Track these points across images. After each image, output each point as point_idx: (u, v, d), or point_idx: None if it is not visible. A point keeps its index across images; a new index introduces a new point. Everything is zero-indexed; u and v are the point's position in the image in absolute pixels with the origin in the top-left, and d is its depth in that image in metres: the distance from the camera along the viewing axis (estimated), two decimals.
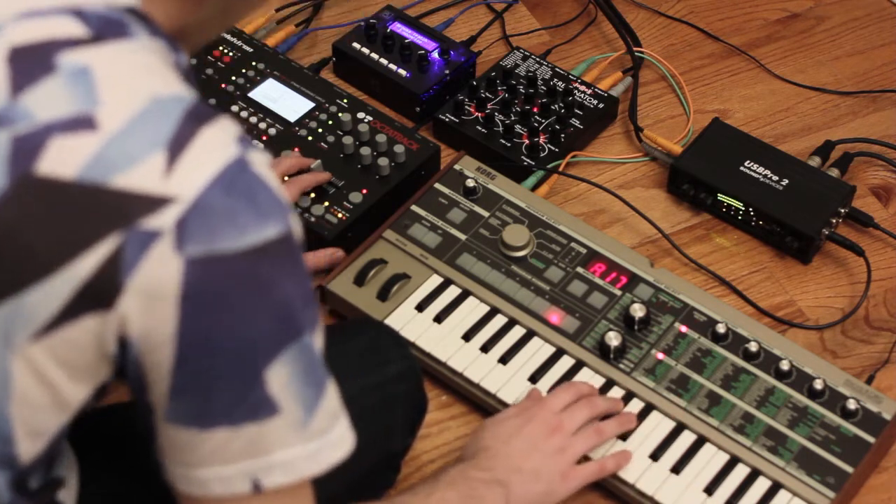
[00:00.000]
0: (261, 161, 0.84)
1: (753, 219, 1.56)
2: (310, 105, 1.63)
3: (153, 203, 0.80)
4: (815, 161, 1.63)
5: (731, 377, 1.36)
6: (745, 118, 1.73)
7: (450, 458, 1.35)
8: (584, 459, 1.27)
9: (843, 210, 1.56)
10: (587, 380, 1.36)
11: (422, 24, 1.76)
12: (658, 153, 1.66)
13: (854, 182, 1.62)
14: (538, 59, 1.72)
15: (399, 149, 1.56)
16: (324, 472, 0.91)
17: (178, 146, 0.81)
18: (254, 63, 1.68)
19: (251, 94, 1.65)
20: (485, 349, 1.39)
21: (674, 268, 1.54)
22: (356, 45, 1.72)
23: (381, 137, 1.57)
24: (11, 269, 0.81)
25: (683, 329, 1.40)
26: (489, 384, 1.36)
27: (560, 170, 1.61)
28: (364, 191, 1.54)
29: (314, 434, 0.89)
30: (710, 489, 1.28)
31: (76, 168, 0.80)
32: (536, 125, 1.63)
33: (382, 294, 1.43)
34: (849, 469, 1.29)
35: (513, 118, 1.64)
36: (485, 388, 1.36)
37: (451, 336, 1.40)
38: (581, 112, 1.66)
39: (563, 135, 1.63)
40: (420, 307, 1.42)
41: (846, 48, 1.84)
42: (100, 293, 0.80)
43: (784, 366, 1.36)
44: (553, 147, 1.62)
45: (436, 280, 1.45)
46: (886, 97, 1.76)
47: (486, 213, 1.51)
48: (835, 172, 1.60)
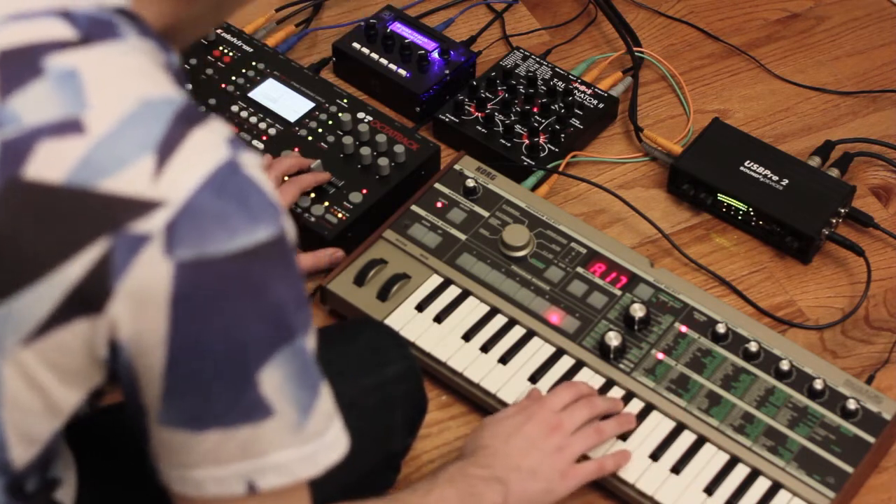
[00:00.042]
0: (253, 163, 0.84)
1: (753, 219, 1.56)
2: (310, 105, 1.63)
3: (142, 207, 0.79)
4: (815, 161, 1.63)
5: (731, 377, 1.36)
6: (745, 118, 1.73)
7: (450, 459, 1.35)
8: (584, 459, 1.27)
9: (843, 210, 1.56)
10: (587, 380, 1.36)
11: (422, 24, 1.76)
12: (658, 153, 1.66)
13: (854, 182, 1.62)
14: (538, 59, 1.72)
15: (399, 149, 1.56)
16: (319, 475, 0.91)
17: (168, 149, 0.80)
18: (254, 63, 1.68)
19: (251, 94, 1.65)
20: (485, 349, 1.39)
21: (674, 268, 1.54)
22: (356, 45, 1.72)
23: (381, 137, 1.57)
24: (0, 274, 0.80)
25: (683, 329, 1.40)
26: (489, 384, 1.36)
27: (560, 170, 1.61)
28: (364, 191, 1.54)
29: (309, 436, 0.88)
30: (710, 489, 1.28)
31: (64, 172, 0.79)
32: (536, 125, 1.63)
33: (382, 294, 1.43)
34: (849, 469, 1.29)
35: (513, 118, 1.64)
36: (485, 388, 1.36)
37: (451, 336, 1.40)
38: (581, 112, 1.66)
39: (563, 135, 1.63)
40: (420, 307, 1.42)
41: (846, 48, 1.84)
42: (89, 297, 0.80)
43: (784, 366, 1.36)
44: (553, 147, 1.62)
45: (436, 280, 1.45)
46: (886, 97, 1.76)
47: (486, 213, 1.51)
48: (835, 172, 1.60)
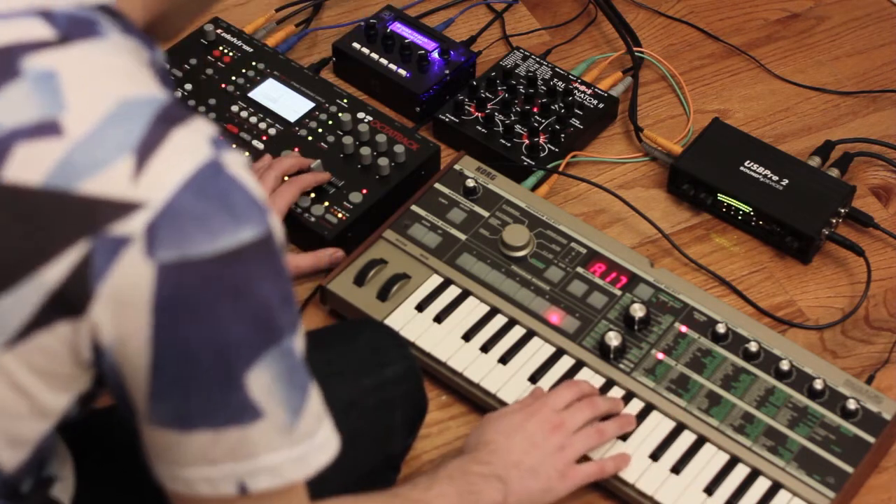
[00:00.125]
0: (236, 162, 0.83)
1: (753, 219, 1.56)
2: (310, 105, 1.63)
3: (121, 209, 0.79)
4: (815, 161, 1.63)
5: (731, 377, 1.36)
6: (745, 118, 1.73)
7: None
8: (583, 460, 1.27)
9: (843, 210, 1.56)
10: (587, 380, 1.36)
11: (422, 24, 1.76)
12: (658, 153, 1.66)
13: (854, 182, 1.62)
14: (538, 59, 1.72)
15: (399, 149, 1.56)
16: (310, 476, 0.91)
17: (147, 149, 0.80)
18: (254, 63, 1.68)
19: (251, 94, 1.65)
20: (485, 349, 1.39)
21: (674, 268, 1.54)
22: (356, 45, 1.72)
23: (381, 137, 1.57)
24: None
25: (683, 329, 1.40)
26: (489, 384, 1.36)
27: (560, 170, 1.61)
28: (364, 191, 1.53)
29: (300, 437, 0.88)
30: (710, 489, 1.28)
31: (42, 174, 0.79)
32: (536, 125, 1.63)
33: (382, 294, 1.43)
34: (849, 469, 1.29)
35: (513, 118, 1.64)
36: (485, 388, 1.36)
37: (451, 336, 1.40)
38: (581, 112, 1.66)
39: (563, 135, 1.63)
40: (420, 307, 1.42)
41: (846, 48, 1.84)
42: (70, 301, 0.80)
43: (784, 366, 1.36)
44: (553, 147, 1.62)
45: (436, 280, 1.45)
46: (886, 97, 1.76)
47: (486, 213, 1.51)
48: (835, 172, 1.60)
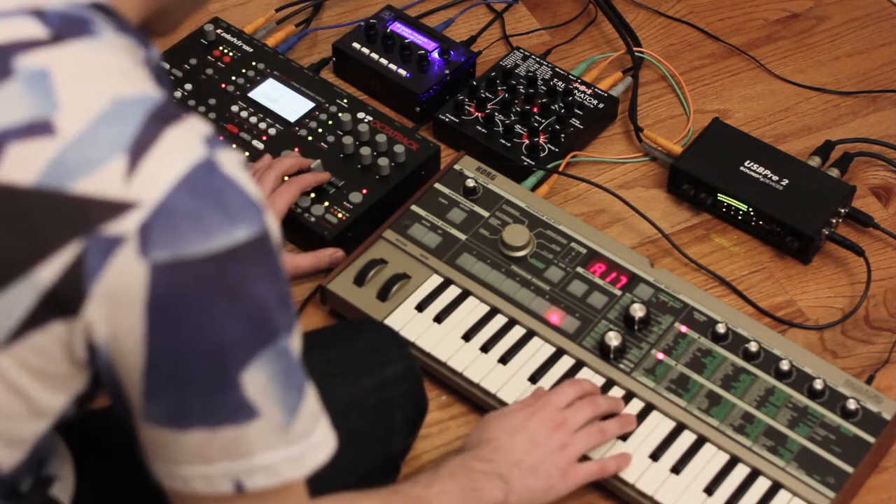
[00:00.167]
0: (231, 161, 0.83)
1: (753, 219, 1.56)
2: (310, 105, 1.63)
3: (115, 208, 0.79)
4: (815, 161, 1.63)
5: (731, 377, 1.36)
6: (745, 118, 1.73)
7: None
8: (583, 459, 1.27)
9: (843, 210, 1.56)
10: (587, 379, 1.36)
11: (422, 24, 1.76)
12: (658, 153, 1.66)
13: (854, 182, 1.62)
14: (538, 59, 1.72)
15: (399, 149, 1.56)
16: (307, 475, 0.91)
17: (140, 149, 0.80)
18: (254, 63, 1.68)
19: (251, 94, 1.65)
20: (485, 349, 1.39)
21: (674, 268, 1.54)
22: (356, 45, 1.72)
23: (381, 137, 1.57)
24: None
25: (683, 329, 1.40)
26: (489, 384, 1.36)
27: (560, 170, 1.61)
28: (364, 191, 1.53)
29: (296, 437, 0.88)
30: (710, 489, 1.28)
31: (34, 174, 0.79)
32: (536, 125, 1.63)
33: (382, 294, 1.43)
34: (849, 469, 1.29)
35: (513, 118, 1.64)
36: (485, 388, 1.36)
37: (451, 336, 1.40)
38: (581, 112, 1.66)
39: (563, 135, 1.63)
40: (420, 307, 1.42)
41: (846, 48, 1.84)
42: (64, 300, 0.80)
43: (784, 366, 1.36)
44: (553, 147, 1.62)
45: (436, 280, 1.45)
46: (886, 97, 1.76)
47: (486, 213, 1.51)
48: (835, 172, 1.60)
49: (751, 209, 1.55)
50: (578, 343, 1.39)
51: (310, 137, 1.59)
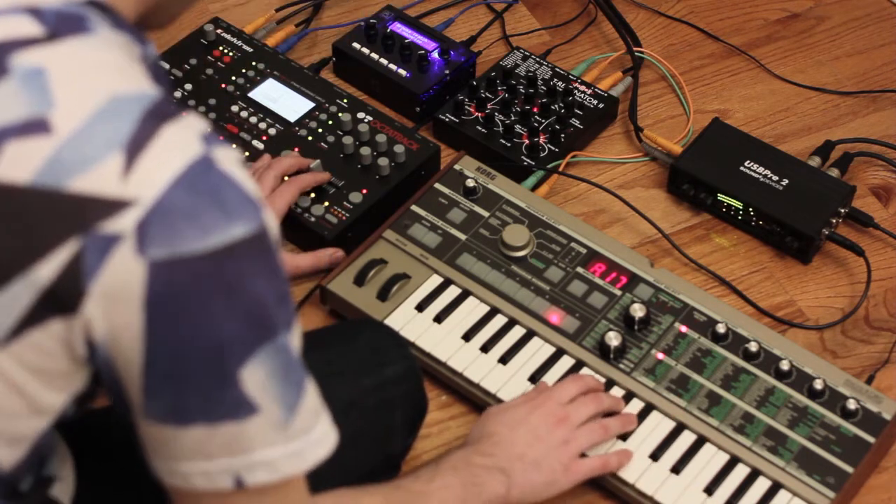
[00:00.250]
0: (228, 158, 0.83)
1: (753, 219, 1.56)
2: (310, 105, 1.63)
3: (112, 206, 0.79)
4: (815, 161, 1.63)
5: (731, 377, 1.36)
6: (745, 118, 1.73)
7: None
8: (584, 456, 1.27)
9: (843, 210, 1.56)
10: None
11: (422, 24, 1.76)
12: (658, 153, 1.66)
13: (854, 182, 1.62)
14: (538, 59, 1.72)
15: (399, 149, 1.56)
16: (307, 471, 0.91)
17: (137, 146, 0.80)
18: (254, 63, 1.68)
19: (251, 94, 1.65)
20: (485, 349, 1.39)
21: (674, 268, 1.54)
22: (356, 45, 1.72)
23: (381, 137, 1.57)
24: None
25: (683, 329, 1.40)
26: (489, 384, 1.36)
27: (560, 170, 1.61)
28: (364, 191, 1.53)
29: (295, 433, 0.88)
30: (710, 489, 1.28)
31: (31, 173, 0.79)
32: (536, 125, 1.63)
33: (382, 294, 1.43)
34: (849, 469, 1.29)
35: (513, 118, 1.64)
36: (485, 388, 1.36)
37: (451, 336, 1.40)
38: (581, 112, 1.66)
39: (563, 135, 1.63)
40: (420, 307, 1.42)
41: (846, 48, 1.84)
42: (62, 298, 0.80)
43: (784, 366, 1.36)
44: (553, 147, 1.62)
45: (436, 280, 1.45)
46: (886, 97, 1.76)
47: (486, 213, 1.51)
48: (835, 172, 1.60)
49: (751, 209, 1.55)
50: (578, 343, 1.39)
51: (310, 137, 1.59)
